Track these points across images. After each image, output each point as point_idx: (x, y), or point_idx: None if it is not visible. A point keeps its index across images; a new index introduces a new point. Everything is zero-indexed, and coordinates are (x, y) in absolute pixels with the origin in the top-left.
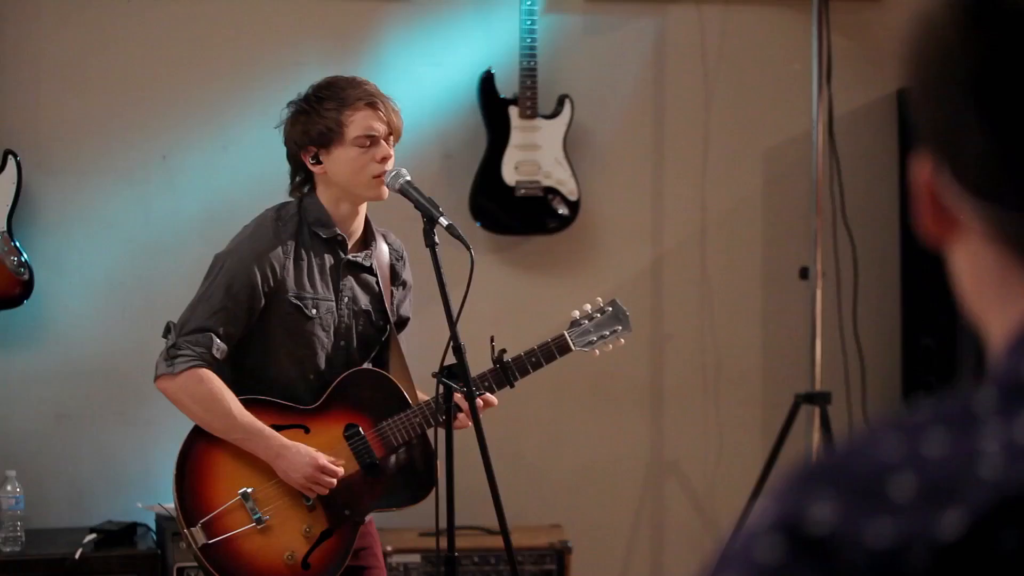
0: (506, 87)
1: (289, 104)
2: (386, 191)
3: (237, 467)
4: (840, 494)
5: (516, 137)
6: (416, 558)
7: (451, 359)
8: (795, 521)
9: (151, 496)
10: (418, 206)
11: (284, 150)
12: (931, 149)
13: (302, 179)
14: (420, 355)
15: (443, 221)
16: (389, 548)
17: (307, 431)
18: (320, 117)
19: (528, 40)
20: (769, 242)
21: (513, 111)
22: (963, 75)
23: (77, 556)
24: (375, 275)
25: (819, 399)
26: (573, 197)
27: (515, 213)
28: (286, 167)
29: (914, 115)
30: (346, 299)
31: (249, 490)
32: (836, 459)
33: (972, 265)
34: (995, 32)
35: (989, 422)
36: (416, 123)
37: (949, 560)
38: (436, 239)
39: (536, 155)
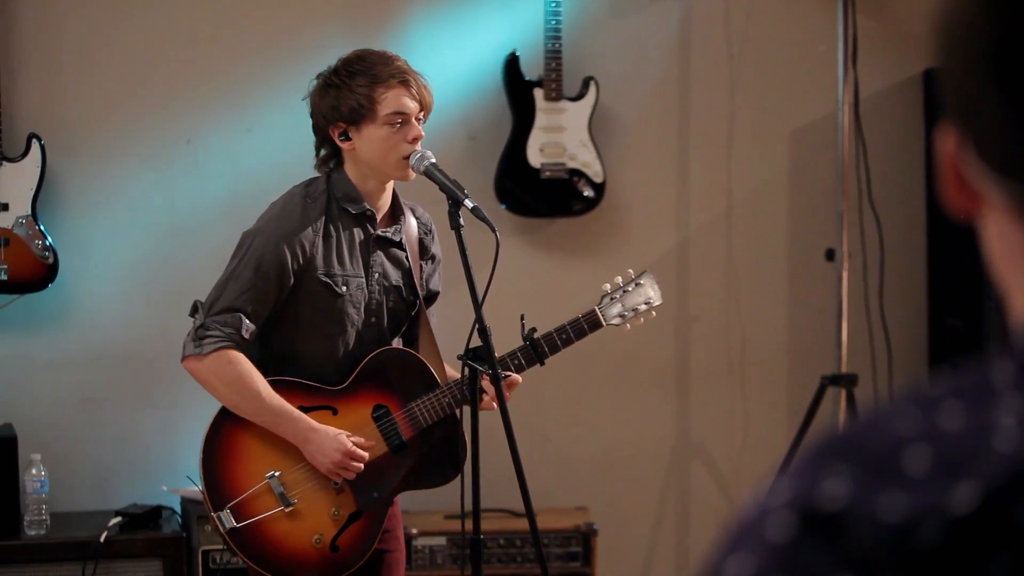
0: (531, 69)
1: (318, 76)
2: (412, 172)
3: (264, 450)
4: (854, 469)
5: (541, 119)
6: (442, 540)
7: (476, 341)
8: (808, 498)
9: (176, 479)
10: (443, 188)
11: (308, 132)
12: (954, 123)
13: (328, 153)
14: (446, 337)
15: (468, 203)
16: (414, 531)
17: (335, 412)
18: (351, 93)
19: (553, 22)
20: (795, 223)
21: (538, 93)
22: (983, 50)
23: (102, 539)
24: (404, 250)
25: (845, 381)
26: (598, 179)
27: (540, 195)
28: (311, 149)
29: (940, 89)
30: (376, 275)
31: (277, 473)
32: (851, 434)
33: (998, 238)
34: (1015, 6)
35: (1006, 395)
36: (441, 105)
37: (962, 533)
38: (461, 221)
39: (561, 137)
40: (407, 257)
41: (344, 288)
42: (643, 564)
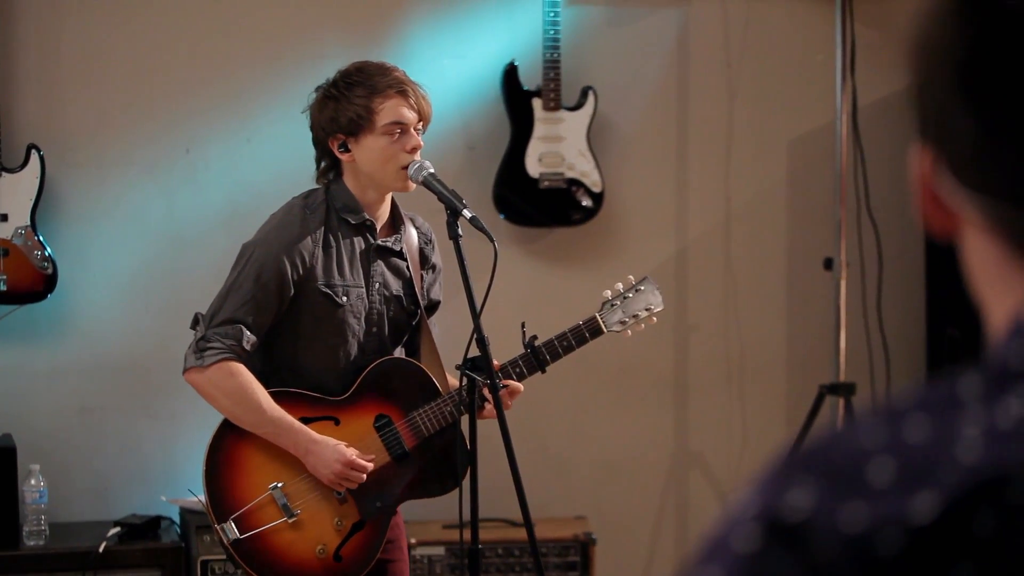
0: (529, 79)
1: (317, 89)
2: (412, 184)
3: (267, 461)
4: (818, 480)
5: (539, 129)
6: (440, 550)
7: (475, 351)
8: (772, 509)
9: (175, 489)
10: (441, 198)
11: (307, 142)
12: (928, 141)
13: (328, 165)
14: (444, 346)
15: (467, 213)
16: (413, 540)
17: (337, 423)
18: (349, 104)
19: (551, 32)
20: (793, 233)
21: (536, 103)
22: (953, 67)
23: (101, 549)
24: (405, 259)
25: (844, 390)
26: (597, 189)
27: (539, 205)
28: (310, 159)
29: (913, 107)
30: (377, 284)
31: (280, 484)
32: (817, 447)
33: (975, 255)
34: (983, 24)
35: (971, 408)
36: (440, 115)
37: (922, 542)
38: (460, 231)
39: (560, 147)
40: (408, 267)
41: (345, 298)
42: (641, 574)
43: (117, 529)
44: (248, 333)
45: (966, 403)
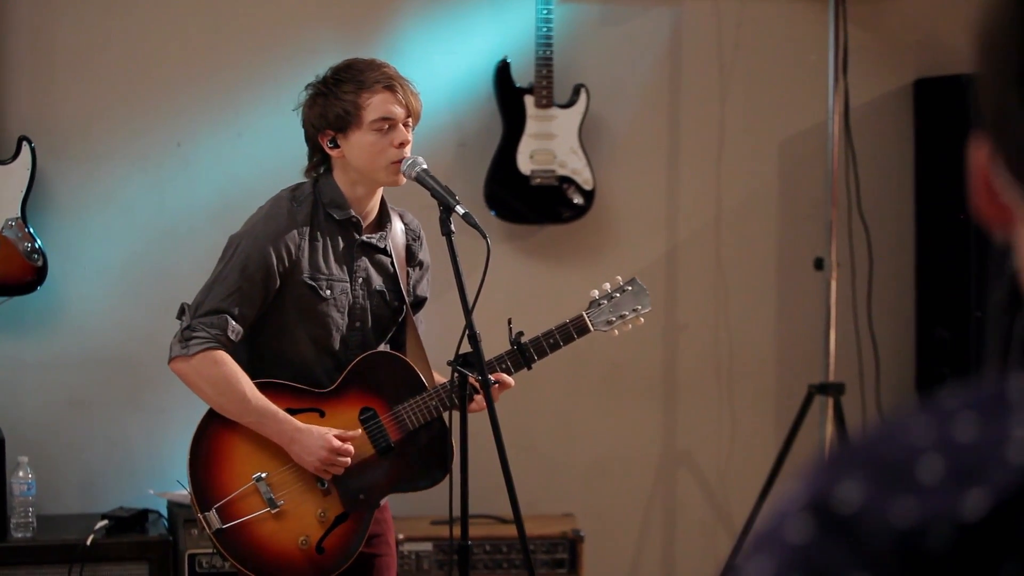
0: (522, 76)
1: (307, 86)
2: (403, 178)
3: (251, 451)
4: (868, 475)
5: (531, 126)
6: (428, 546)
7: (467, 347)
8: (823, 501)
9: (163, 483)
10: (434, 194)
11: (299, 137)
12: (987, 135)
13: (317, 161)
14: (436, 343)
15: (459, 209)
16: (401, 536)
17: (322, 415)
18: (337, 100)
19: (544, 29)
20: (784, 233)
21: (529, 100)
22: (1012, 63)
23: (89, 542)
24: (390, 256)
25: (833, 390)
26: (588, 187)
27: (530, 202)
28: (301, 154)
29: (974, 99)
30: (360, 280)
31: (263, 475)
32: (866, 442)
33: None
34: None
35: (1020, 409)
36: (432, 112)
37: (971, 539)
38: (452, 227)
39: (551, 144)
40: (392, 263)
41: (328, 291)
42: (629, 571)
43: (105, 522)
44: (233, 323)
45: (1015, 404)
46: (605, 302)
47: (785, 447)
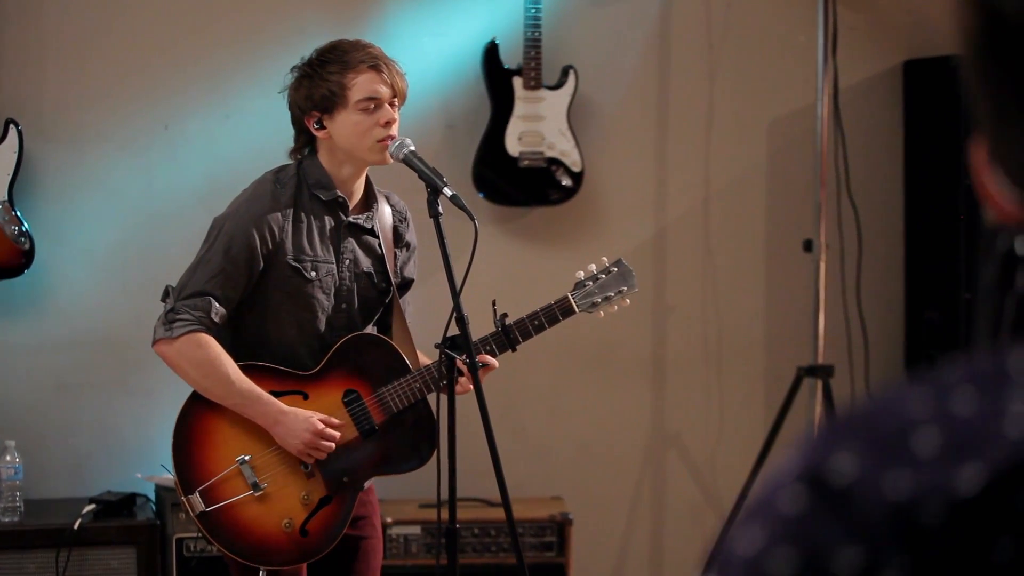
0: (510, 57)
1: (293, 69)
2: (390, 157)
3: (235, 434)
4: (863, 446)
5: (520, 108)
6: (416, 529)
7: (455, 329)
8: (817, 472)
9: (150, 467)
10: (422, 176)
11: (286, 119)
12: (982, 137)
13: (303, 143)
14: (424, 325)
15: (447, 191)
16: (389, 519)
17: (306, 397)
18: (323, 81)
19: (532, 10)
20: (773, 214)
21: (517, 82)
22: (970, 55)
23: (76, 526)
24: (377, 237)
25: (822, 372)
26: (576, 168)
27: (518, 184)
28: (288, 136)
29: (969, 101)
30: (347, 261)
31: (247, 457)
32: (862, 413)
33: None
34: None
35: (1020, 384)
36: (420, 93)
37: (965, 514)
38: (440, 209)
39: (540, 126)
40: (380, 244)
41: (313, 273)
42: (618, 554)
43: (92, 506)
44: (217, 305)
45: (1015, 379)
46: (590, 283)
47: (774, 429)
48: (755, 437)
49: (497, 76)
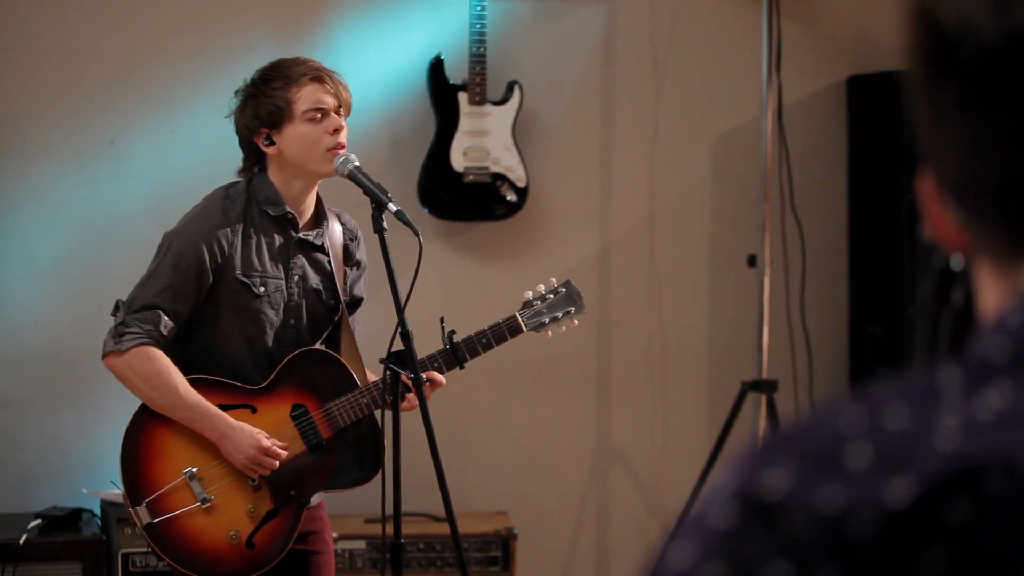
0: (455, 73)
1: (237, 92)
2: (335, 171)
3: (183, 446)
4: (795, 462)
5: (465, 123)
6: (361, 544)
7: (400, 345)
8: (749, 487)
9: (97, 482)
10: (367, 191)
11: (232, 134)
12: (929, 167)
13: (251, 162)
14: (369, 341)
15: (392, 207)
16: (335, 534)
17: (254, 411)
18: (267, 98)
19: (478, 26)
20: (717, 229)
21: (462, 97)
22: (950, 97)
23: (22, 542)
24: (327, 254)
25: (766, 387)
26: (521, 184)
27: (463, 199)
28: (235, 151)
29: (913, 112)
30: (296, 277)
31: (194, 469)
32: (797, 429)
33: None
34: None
35: (951, 398)
36: (365, 109)
37: (895, 526)
38: (384, 225)
39: (485, 141)
40: (329, 262)
41: (262, 288)
42: (563, 569)
43: (38, 521)
44: (166, 319)
45: (946, 394)
46: (539, 303)
47: (718, 444)
48: (699, 451)
49: (442, 91)
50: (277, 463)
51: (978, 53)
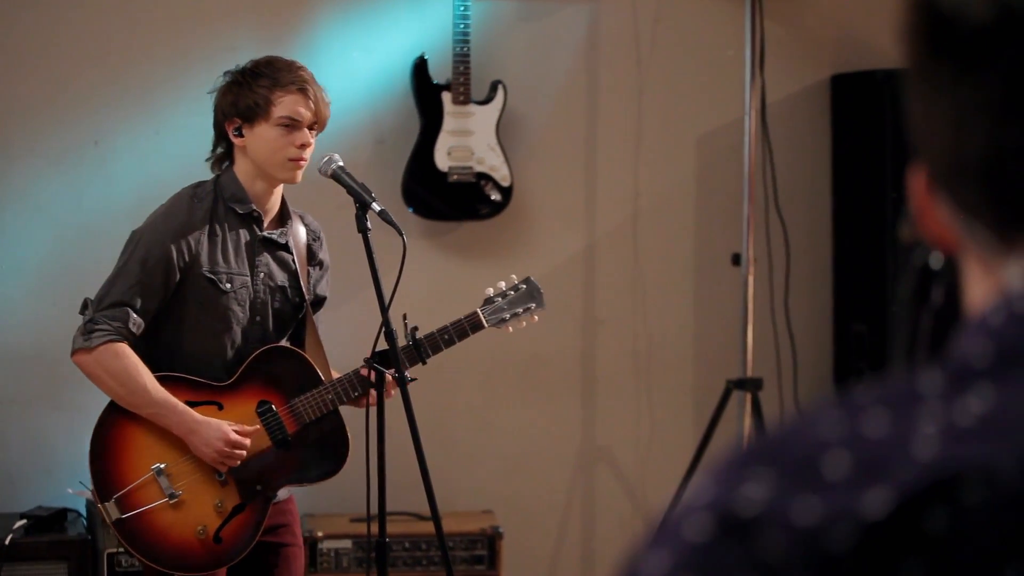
0: (439, 73)
1: (225, 73)
2: (299, 175)
3: (151, 442)
4: (774, 473)
5: (449, 123)
6: (347, 544)
7: (384, 344)
8: (726, 501)
9: (81, 482)
10: (350, 191)
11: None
12: (922, 163)
13: (222, 153)
14: (352, 340)
15: (375, 207)
16: (320, 533)
17: (220, 407)
18: (251, 91)
19: (461, 26)
20: (701, 228)
21: (446, 97)
22: (945, 96)
23: (7, 542)
24: (291, 252)
25: (750, 385)
26: (505, 183)
27: (447, 199)
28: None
29: (908, 126)
30: (261, 275)
31: (162, 465)
32: (775, 438)
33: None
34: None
35: (931, 404)
36: (349, 109)
37: (873, 538)
38: (368, 225)
39: (469, 141)
40: (294, 260)
41: (228, 285)
42: (548, 567)
43: (23, 522)
44: (135, 316)
45: (926, 399)
46: (500, 299)
47: (703, 442)
48: (684, 450)
49: (426, 91)
50: (244, 454)
51: (971, 29)
